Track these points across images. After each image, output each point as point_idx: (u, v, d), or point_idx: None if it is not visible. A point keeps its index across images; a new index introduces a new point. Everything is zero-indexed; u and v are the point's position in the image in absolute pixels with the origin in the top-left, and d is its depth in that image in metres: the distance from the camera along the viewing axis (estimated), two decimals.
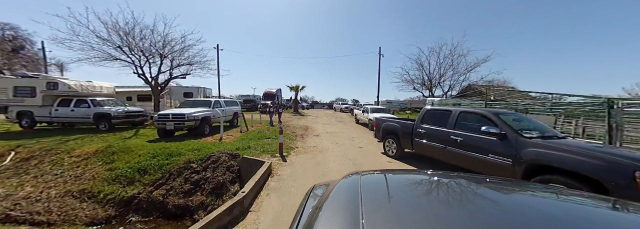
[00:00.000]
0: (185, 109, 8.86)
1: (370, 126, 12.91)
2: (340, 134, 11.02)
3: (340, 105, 27.86)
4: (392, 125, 6.20)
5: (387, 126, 6.38)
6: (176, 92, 15.50)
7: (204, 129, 8.83)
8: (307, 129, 12.40)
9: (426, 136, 4.92)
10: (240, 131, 10.24)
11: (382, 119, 6.94)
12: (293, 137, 9.21)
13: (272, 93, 25.50)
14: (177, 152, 6.18)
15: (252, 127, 11.96)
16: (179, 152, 6.20)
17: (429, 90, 18.25)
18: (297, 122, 15.41)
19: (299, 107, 27.72)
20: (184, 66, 14.27)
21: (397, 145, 5.92)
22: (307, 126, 13.76)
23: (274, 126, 14.91)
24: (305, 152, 6.86)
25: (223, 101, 10.73)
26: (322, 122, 16.10)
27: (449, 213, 0.81)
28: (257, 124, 13.69)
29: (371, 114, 13.27)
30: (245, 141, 7.93)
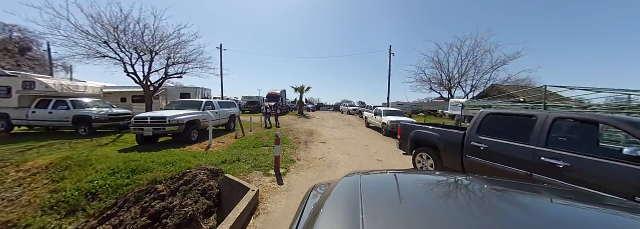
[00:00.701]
0: (168, 112, 7.49)
1: (384, 131, 11.23)
2: (350, 140, 9.41)
3: (348, 107, 26.22)
4: (427, 134, 4.51)
5: (419, 135, 4.69)
6: (172, 92, 14.31)
7: (191, 135, 7.43)
8: (312, 133, 10.86)
9: (489, 153, 3.27)
10: (235, 137, 8.79)
11: (409, 125, 5.28)
12: (295, 145, 7.69)
13: (275, 94, 24.16)
14: (144, 168, 4.75)
15: (250, 131, 10.52)
16: (147, 168, 4.76)
17: (448, 90, 16.37)
18: (301, 126, 13.90)
19: (303, 109, 26.28)
20: (180, 64, 13.04)
21: (436, 161, 4.27)
22: (312, 130, 12.21)
23: (269, 128, 13.65)
24: (309, 167, 5.30)
25: (216, 102, 9.34)
26: (329, 126, 14.53)
27: (449, 213, 0.80)
28: (257, 127, 12.28)
29: (385, 117, 11.60)
30: (237, 150, 6.45)
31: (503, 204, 0.90)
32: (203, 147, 6.79)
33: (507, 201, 0.93)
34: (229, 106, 10.62)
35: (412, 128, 4.99)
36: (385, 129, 11.01)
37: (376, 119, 12.59)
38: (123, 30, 10.30)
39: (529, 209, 0.86)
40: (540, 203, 0.95)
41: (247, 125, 11.48)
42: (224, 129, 10.61)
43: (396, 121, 10.57)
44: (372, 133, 11.95)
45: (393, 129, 10.54)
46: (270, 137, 9.09)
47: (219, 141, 7.77)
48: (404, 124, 5.35)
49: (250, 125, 11.37)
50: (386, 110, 12.35)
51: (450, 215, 0.78)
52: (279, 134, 5.00)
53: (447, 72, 16.12)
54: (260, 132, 10.17)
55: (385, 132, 11.04)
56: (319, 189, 1.18)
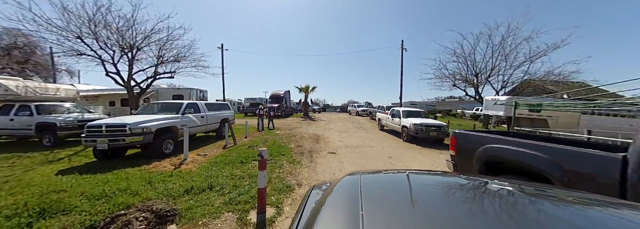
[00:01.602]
0: (132, 117, 5.86)
1: (405, 136, 9.26)
2: (366, 149, 7.53)
3: (356, 108, 24.27)
4: (520, 153, 2.53)
5: (501, 154, 2.72)
6: (164, 94, 12.87)
7: (164, 147, 5.76)
8: (318, 140, 9.03)
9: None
10: (224, 146, 7.08)
11: (472, 135, 3.30)
12: (297, 157, 5.89)
13: (279, 95, 22.57)
14: (62, 206, 3.06)
15: (245, 138, 8.81)
16: (67, 206, 3.07)
17: (474, 87, 14.12)
18: (306, 130, 12.12)
19: (309, 110, 24.54)
20: (170, 62, 11.57)
21: None
22: (318, 135, 10.39)
23: (272, 130, 11.88)
24: None
25: (202, 104, 7.68)
26: (338, 129, 12.68)
27: (449, 213, 0.79)
28: (254, 132, 10.57)
29: (406, 119, 9.63)
30: (217, 168, 4.72)
31: (504, 204, 0.90)
32: (175, 164, 5.10)
33: (509, 202, 0.93)
34: (221, 108, 8.96)
35: (479, 141, 3.02)
36: (407, 134, 9.05)
37: (393, 121, 10.63)
38: (98, 23, 8.86)
39: (530, 209, 0.84)
40: (540, 203, 0.90)
41: (241, 130, 9.80)
42: (214, 135, 8.95)
43: (421, 124, 8.61)
44: (390, 139, 10.00)
45: (417, 134, 8.58)
46: (268, 145, 7.33)
47: (201, 154, 6.07)
48: (463, 133, 3.39)
49: (247, 130, 9.67)
50: (406, 111, 10.37)
51: (451, 215, 0.76)
52: (264, 152, 3.18)
53: (474, 66, 13.87)
54: (256, 140, 8.43)
55: (407, 138, 9.08)
56: (319, 189, 1.15)
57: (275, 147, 6.91)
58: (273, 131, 11.13)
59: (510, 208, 0.87)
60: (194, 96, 13.10)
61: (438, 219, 0.71)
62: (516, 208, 0.87)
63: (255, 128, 11.97)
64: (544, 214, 0.78)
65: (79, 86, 13.73)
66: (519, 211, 0.82)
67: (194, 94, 13.12)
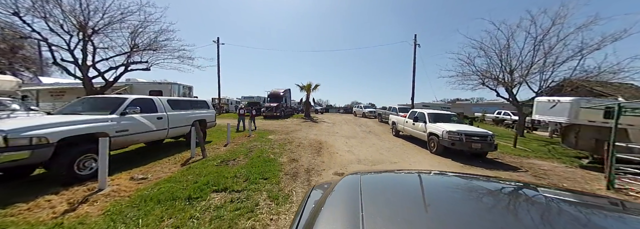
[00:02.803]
0: (20, 120, 3.76)
1: (435, 146, 7.02)
2: (388, 167, 5.34)
3: (363, 109, 22.04)
4: None
5: None
6: (139, 89, 10.84)
7: (78, 166, 3.63)
8: (320, 149, 6.85)
9: None
10: (187, 161, 4.95)
11: None
12: (287, 184, 3.71)
13: (278, 94, 20.49)
14: None
15: (224, 147, 6.66)
16: None
17: (507, 87, 11.77)
18: (306, 134, 9.96)
19: (311, 111, 22.39)
20: (144, 51, 9.53)
21: None
22: (320, 142, 8.22)
23: (249, 136, 9.65)
24: None
25: (162, 101, 5.53)
26: (344, 134, 10.50)
27: (449, 213, 0.78)
28: (241, 138, 8.42)
29: (434, 124, 7.39)
30: (138, 214, 2.58)
31: (505, 204, 0.90)
32: (78, 200, 2.97)
33: (510, 201, 0.93)
34: (194, 107, 6.83)
35: None
36: (437, 144, 6.81)
37: (415, 127, 8.38)
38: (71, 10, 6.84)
39: (530, 209, 0.85)
40: (541, 204, 0.91)
41: (220, 136, 7.68)
42: (185, 140, 6.83)
43: (460, 132, 6.37)
44: (413, 149, 7.77)
45: (453, 146, 6.33)
46: (251, 159, 5.17)
47: (137, 176, 3.92)
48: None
49: (228, 135, 7.49)
50: (433, 114, 8.11)
51: (451, 215, 0.76)
52: None
53: (508, 62, 11.49)
54: (238, 149, 6.26)
55: (437, 149, 6.84)
56: (320, 190, 1.12)
57: (259, 164, 4.75)
58: (266, 136, 8.98)
59: (511, 208, 0.86)
60: (175, 91, 11.04)
61: (439, 219, 0.71)
62: (517, 207, 0.87)
63: (245, 131, 9.88)
64: (548, 213, 0.78)
65: (46, 79, 11.82)
66: (520, 211, 0.83)
67: (176, 89, 11.06)
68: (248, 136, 8.78)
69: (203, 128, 7.01)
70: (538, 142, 10.67)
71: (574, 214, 0.79)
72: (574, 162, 7.02)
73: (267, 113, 18.69)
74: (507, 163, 6.47)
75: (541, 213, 0.79)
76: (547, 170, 6.04)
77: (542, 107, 7.75)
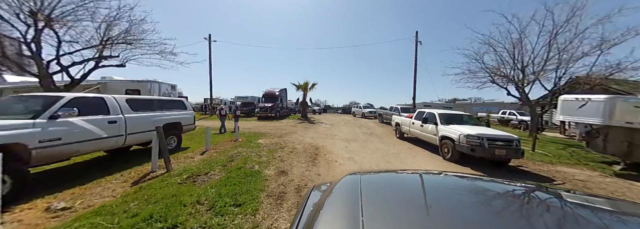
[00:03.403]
0: None
1: (449, 151, 6.00)
2: None
3: (362, 109, 21.01)
4: None
5: None
6: (114, 88, 9.67)
7: None
8: (316, 157, 5.79)
9: None
10: (141, 179, 3.85)
11: None
12: (268, 211, 2.66)
13: (273, 94, 19.38)
14: None
15: (200, 155, 5.55)
16: None
17: (518, 86, 10.83)
18: (301, 137, 8.90)
19: (308, 111, 21.33)
20: (117, 45, 8.40)
21: None
22: (317, 146, 7.16)
23: (223, 133, 9.46)
24: None
25: (116, 101, 4.40)
26: (344, 137, 9.45)
27: (450, 213, 0.77)
28: (225, 142, 7.31)
29: (447, 126, 6.38)
30: None
31: (506, 205, 0.89)
32: None
33: (511, 202, 0.92)
34: (166, 107, 5.70)
35: None
36: (452, 150, 5.81)
37: (424, 129, 7.35)
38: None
39: (532, 210, 0.84)
40: (543, 203, 0.90)
41: (203, 141, 6.56)
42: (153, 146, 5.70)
43: (480, 136, 5.38)
44: (423, 154, 6.75)
45: (473, 152, 5.32)
46: (229, 171, 4.10)
47: (62, 205, 2.82)
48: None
49: (208, 140, 6.31)
50: (445, 114, 7.09)
51: (452, 215, 0.75)
52: None
53: (518, 59, 10.56)
54: (217, 158, 5.13)
55: (452, 155, 5.83)
56: (319, 190, 1.12)
57: (236, 180, 3.67)
58: (255, 140, 7.90)
59: (512, 208, 0.86)
60: (156, 90, 9.89)
61: (439, 220, 0.70)
62: (518, 208, 0.85)
63: (231, 134, 8.78)
64: (550, 213, 0.79)
65: (9, 77, 10.61)
66: (521, 211, 0.81)
67: (157, 88, 9.91)
68: (234, 140, 7.68)
69: (178, 132, 5.91)
70: (555, 145, 9.74)
71: (577, 215, 0.79)
72: (605, 170, 6.06)
73: (261, 114, 17.59)
74: (536, 172, 5.49)
75: (542, 214, 0.78)
76: (585, 181, 5.06)
77: (568, 107, 6.79)
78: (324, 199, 0.88)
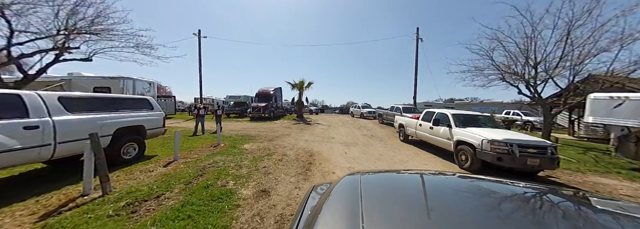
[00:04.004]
0: None
1: (466, 160, 5.00)
2: None
3: (361, 109, 20.02)
4: None
5: None
6: (80, 85, 8.47)
7: None
8: (310, 165, 4.74)
9: None
10: (72, 201, 2.77)
11: None
12: None
13: (267, 93, 18.27)
14: None
15: (164, 167, 4.44)
16: None
17: (528, 84, 9.95)
18: (295, 141, 7.84)
19: (304, 111, 20.27)
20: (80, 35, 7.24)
21: None
22: (312, 152, 6.11)
23: (198, 135, 8.58)
24: None
25: (48, 99, 3.28)
26: (342, 140, 8.43)
27: (451, 214, 0.76)
28: (203, 147, 6.20)
29: (464, 129, 5.39)
30: None
31: (507, 205, 0.88)
32: None
33: (510, 202, 0.91)
34: (121, 107, 4.55)
35: None
36: (473, 158, 4.81)
37: (434, 132, 6.36)
38: None
39: (533, 210, 0.83)
40: (544, 204, 0.90)
41: (172, 147, 5.42)
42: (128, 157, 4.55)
43: (508, 142, 4.41)
44: (434, 162, 5.75)
45: (501, 162, 4.35)
46: (190, 195, 3.01)
47: None
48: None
49: (176, 147, 5.13)
50: (460, 115, 6.10)
51: (451, 215, 0.74)
52: None
53: (528, 54, 9.67)
54: (184, 171, 3.99)
55: (472, 164, 4.84)
56: (319, 190, 1.12)
57: (196, 207, 2.61)
58: (241, 145, 6.83)
59: (513, 209, 0.85)
60: (130, 88, 8.72)
61: (440, 220, 0.69)
62: (519, 208, 0.85)
63: (207, 137, 7.69)
64: (551, 214, 0.79)
65: None
66: (522, 211, 0.81)
67: (130, 85, 8.74)
68: (215, 145, 6.58)
69: (139, 138, 4.80)
70: (572, 149, 8.88)
71: (582, 215, 0.78)
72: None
73: (253, 114, 16.46)
74: (573, 185, 4.55)
75: (545, 214, 0.78)
76: (633, 197, 4.14)
77: (600, 107, 5.90)
78: (324, 199, 0.88)
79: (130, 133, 4.57)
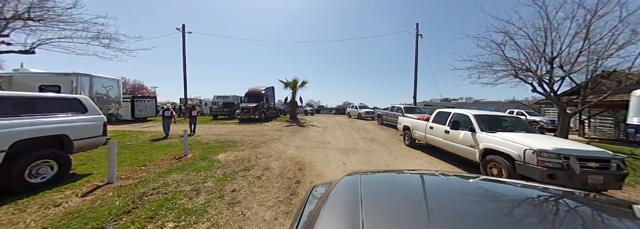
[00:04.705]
0: None
1: (505, 175, 3.81)
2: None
3: (358, 109, 18.83)
4: None
5: None
6: (22, 83, 6.99)
7: None
8: (297, 186, 3.45)
9: None
10: None
11: None
12: None
13: (258, 92, 16.90)
14: None
15: (102, 187, 3.10)
16: None
17: (543, 80, 8.93)
18: (284, 147, 6.54)
19: (298, 112, 19.01)
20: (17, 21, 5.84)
21: None
22: (302, 163, 4.81)
23: (167, 139, 7.50)
24: None
25: None
26: (339, 145, 7.18)
27: (449, 213, 0.76)
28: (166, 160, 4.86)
29: (490, 135, 4.20)
30: None
31: (504, 204, 0.88)
32: None
33: (511, 202, 0.90)
34: (31, 110, 3.23)
35: None
36: (510, 172, 3.64)
37: (451, 136, 5.15)
38: None
39: (533, 211, 0.82)
40: (544, 205, 0.89)
41: (130, 159, 4.07)
42: None
43: (559, 152, 3.22)
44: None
45: (554, 178, 3.17)
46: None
47: None
48: None
49: (112, 163, 3.79)
50: (483, 116, 4.94)
51: (451, 215, 0.74)
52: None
53: (542, 49, 8.65)
54: (104, 205, 2.62)
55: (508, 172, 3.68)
56: (319, 189, 1.12)
57: None
58: (213, 155, 5.52)
59: (510, 208, 0.84)
60: (86, 87, 7.30)
61: (441, 221, 0.69)
62: (520, 209, 0.84)
63: (171, 145, 6.35)
64: (552, 215, 0.77)
65: None
66: (523, 212, 0.80)
67: (87, 83, 7.31)
68: (180, 157, 5.22)
69: (60, 153, 3.45)
70: None
71: (581, 215, 0.78)
72: None
73: (242, 115, 15.10)
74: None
75: (545, 214, 0.77)
76: None
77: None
78: (324, 199, 0.87)
79: (42, 146, 3.24)
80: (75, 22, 6.71)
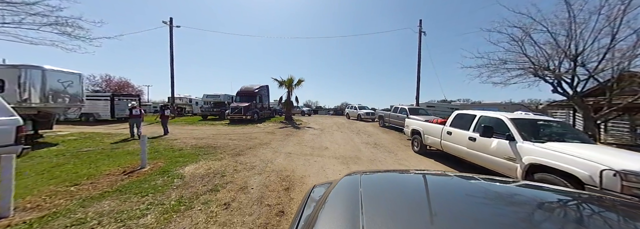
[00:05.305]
0: None
1: None
2: None
3: (358, 110, 17.77)
4: None
5: None
6: None
7: None
8: (280, 220, 2.37)
9: None
10: None
11: None
12: None
13: (251, 91, 15.75)
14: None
15: (20, 212, 1.97)
16: None
17: (564, 80, 7.97)
18: (272, 155, 5.40)
19: (294, 112, 17.90)
20: None
21: None
22: (291, 178, 3.67)
23: (129, 141, 6.58)
24: None
25: None
26: (338, 153, 6.06)
27: (449, 213, 0.75)
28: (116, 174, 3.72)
29: (546, 147, 3.13)
30: None
31: (505, 204, 0.87)
32: None
33: (511, 202, 0.89)
34: None
35: None
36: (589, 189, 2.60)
37: (479, 146, 4.06)
38: None
39: (534, 211, 0.80)
40: (549, 205, 0.85)
41: (40, 177, 2.97)
42: None
43: None
44: None
45: None
46: None
47: None
48: None
49: (5, 184, 2.67)
50: (522, 120, 3.89)
51: (451, 215, 0.73)
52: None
53: (571, 45, 7.69)
54: None
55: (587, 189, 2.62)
56: (319, 189, 1.10)
57: None
58: (181, 165, 4.38)
59: (511, 208, 0.83)
60: (36, 81, 6.11)
61: (441, 221, 0.69)
62: (518, 208, 0.83)
63: (167, 149, 5.20)
64: (552, 214, 0.76)
65: None
66: (521, 211, 0.79)
67: (37, 77, 6.12)
68: (133, 170, 4.06)
69: None
70: None
71: (583, 215, 0.77)
72: None
73: (233, 116, 13.94)
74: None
75: (548, 215, 0.77)
76: None
77: None
78: (324, 199, 0.87)
79: None
80: (20, 4, 5.53)
